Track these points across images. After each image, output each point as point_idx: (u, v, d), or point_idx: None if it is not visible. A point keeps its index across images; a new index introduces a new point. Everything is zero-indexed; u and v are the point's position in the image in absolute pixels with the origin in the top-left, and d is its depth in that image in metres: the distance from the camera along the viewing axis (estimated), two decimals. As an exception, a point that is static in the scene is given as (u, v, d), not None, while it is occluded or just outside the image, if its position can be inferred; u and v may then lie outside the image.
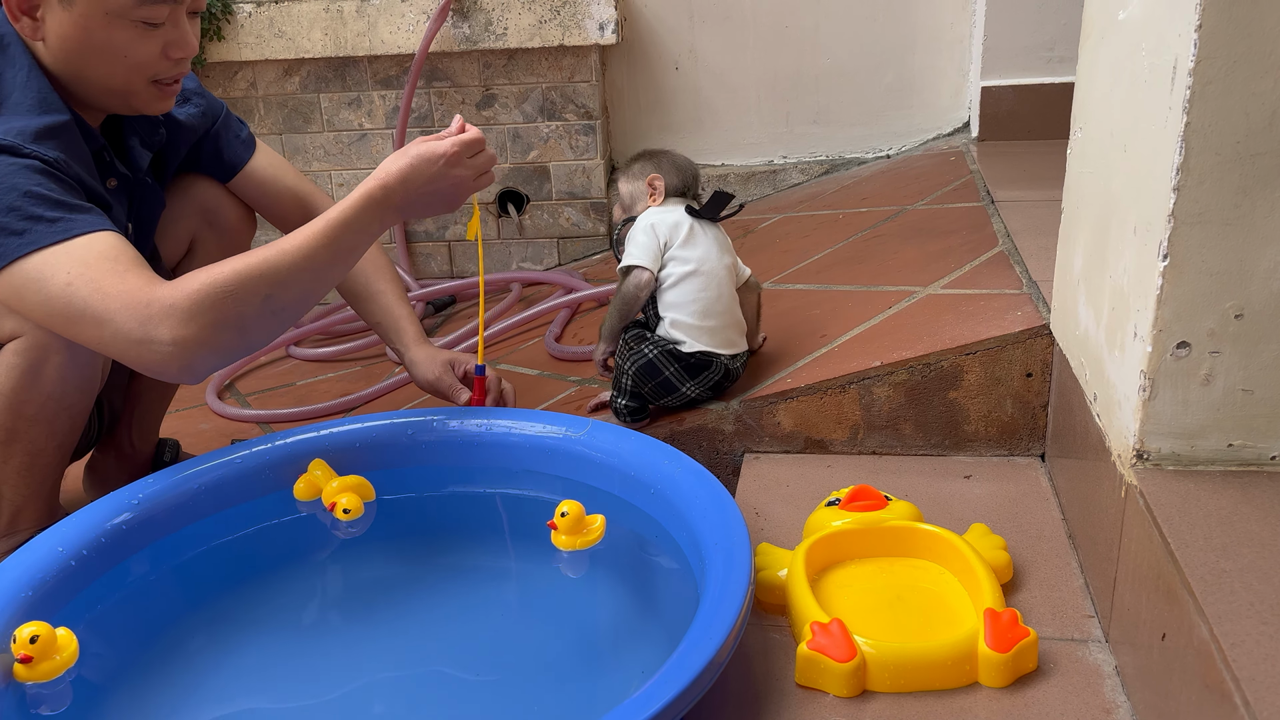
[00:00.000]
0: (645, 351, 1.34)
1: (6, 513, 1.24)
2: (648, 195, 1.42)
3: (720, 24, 2.62)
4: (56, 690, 0.95)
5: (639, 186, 1.43)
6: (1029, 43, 2.43)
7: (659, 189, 1.41)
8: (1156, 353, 0.86)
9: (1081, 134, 1.15)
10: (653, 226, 1.36)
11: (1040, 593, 1.04)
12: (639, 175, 1.43)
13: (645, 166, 1.43)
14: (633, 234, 1.37)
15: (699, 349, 1.34)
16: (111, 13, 1.12)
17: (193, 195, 1.43)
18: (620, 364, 1.37)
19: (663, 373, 1.34)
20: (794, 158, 2.73)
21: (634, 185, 1.44)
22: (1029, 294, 1.40)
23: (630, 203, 1.44)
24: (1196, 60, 0.78)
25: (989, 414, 1.33)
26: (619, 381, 1.38)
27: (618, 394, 1.38)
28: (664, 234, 1.35)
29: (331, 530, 1.24)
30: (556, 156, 2.61)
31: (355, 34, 2.48)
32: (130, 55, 1.15)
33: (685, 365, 1.34)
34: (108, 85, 1.18)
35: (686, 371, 1.35)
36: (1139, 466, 0.89)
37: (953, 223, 1.86)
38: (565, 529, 1.13)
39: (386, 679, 1.02)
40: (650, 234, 1.35)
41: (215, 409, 1.91)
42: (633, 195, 1.44)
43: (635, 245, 1.36)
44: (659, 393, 1.37)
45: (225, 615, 1.11)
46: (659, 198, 1.41)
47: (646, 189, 1.42)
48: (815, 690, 0.92)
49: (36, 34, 1.14)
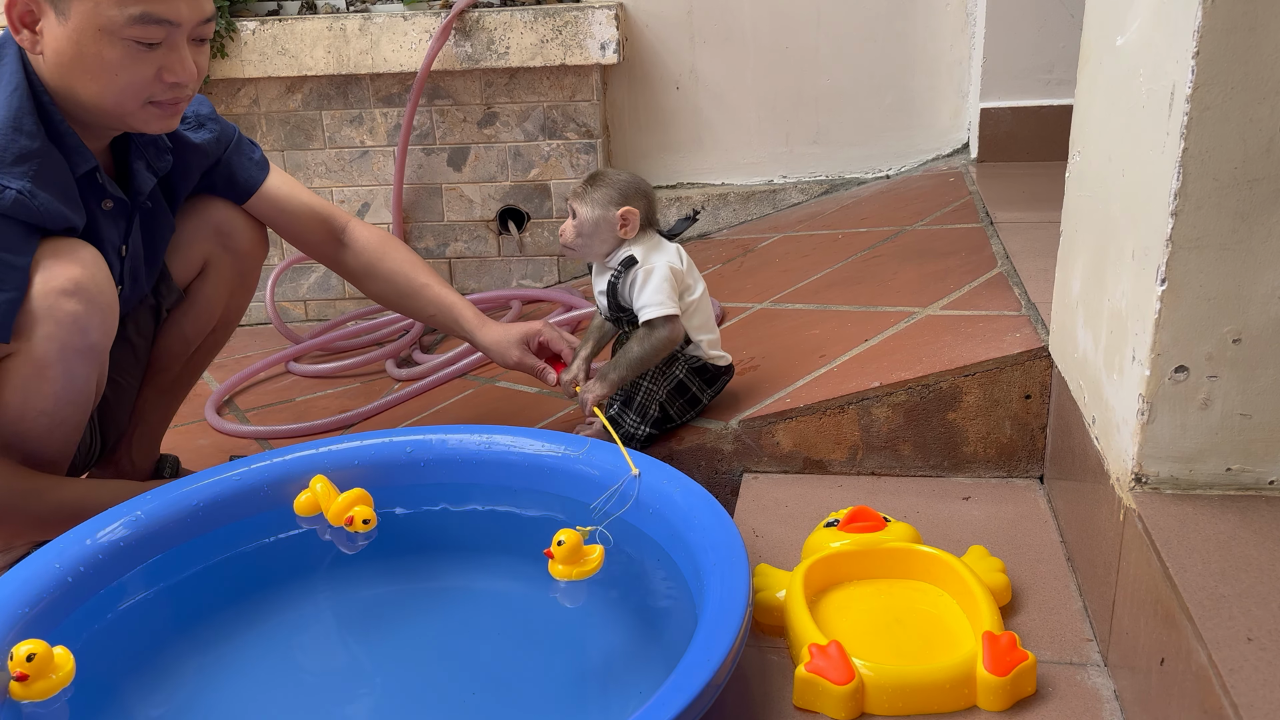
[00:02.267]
0: (675, 373, 1.39)
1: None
2: (618, 227, 1.34)
3: (721, 44, 2.63)
4: (53, 709, 0.94)
5: (608, 216, 1.34)
6: (1028, 65, 2.44)
7: (633, 222, 1.34)
8: (1155, 376, 0.86)
9: (1080, 158, 1.16)
10: (671, 272, 1.33)
11: (1039, 616, 1.04)
12: (606, 204, 1.34)
13: (610, 195, 1.34)
14: (656, 284, 1.32)
15: (727, 361, 1.44)
16: (104, 29, 1.11)
17: (206, 216, 1.44)
18: (649, 391, 1.37)
19: (690, 389, 1.41)
20: (793, 177, 2.74)
21: (601, 214, 1.34)
22: (1028, 316, 1.41)
23: (595, 231, 1.35)
24: (1194, 86, 0.78)
25: (988, 435, 1.33)
26: (644, 410, 1.38)
27: (640, 422, 1.38)
28: (680, 272, 1.36)
29: (335, 547, 1.24)
30: (557, 175, 2.62)
31: (358, 52, 2.49)
32: (121, 75, 1.14)
33: (706, 378, 1.42)
34: (99, 104, 1.17)
35: (707, 384, 1.43)
36: (1137, 490, 0.89)
37: (952, 244, 1.86)
38: (562, 558, 1.12)
39: (383, 699, 1.01)
40: (672, 281, 1.33)
41: (214, 425, 1.91)
42: (598, 224, 1.34)
43: (664, 295, 1.32)
44: (685, 410, 1.42)
45: (223, 633, 1.10)
46: (631, 231, 1.34)
47: (616, 219, 1.34)
48: (813, 713, 0.92)
49: (35, 47, 1.14)
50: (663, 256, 1.35)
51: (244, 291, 1.54)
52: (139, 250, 1.34)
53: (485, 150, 2.61)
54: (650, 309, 1.32)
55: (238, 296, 1.53)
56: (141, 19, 1.12)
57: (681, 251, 1.38)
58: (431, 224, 2.68)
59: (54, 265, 1.14)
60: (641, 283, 1.33)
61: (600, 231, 1.35)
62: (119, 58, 1.13)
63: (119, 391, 1.46)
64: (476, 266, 2.70)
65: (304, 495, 1.26)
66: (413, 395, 1.96)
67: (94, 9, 1.11)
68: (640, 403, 1.37)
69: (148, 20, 1.12)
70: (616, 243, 1.36)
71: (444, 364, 2.04)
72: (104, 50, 1.13)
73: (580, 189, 1.36)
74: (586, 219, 1.35)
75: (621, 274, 1.35)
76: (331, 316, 2.72)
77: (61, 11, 1.11)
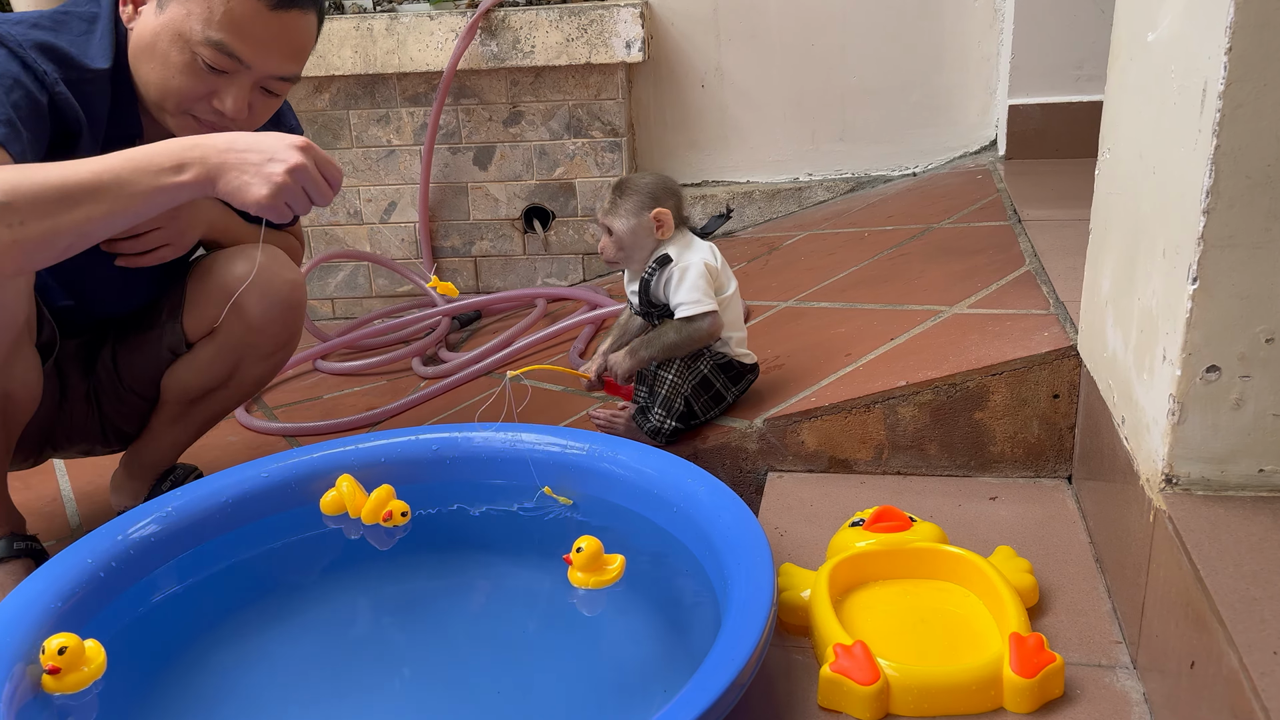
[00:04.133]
0: (700, 368, 1.39)
1: None
2: (654, 230, 1.36)
3: (747, 42, 2.63)
4: (84, 702, 0.95)
5: (644, 221, 1.35)
6: (1057, 61, 2.42)
7: (668, 222, 1.35)
8: (1186, 376, 0.85)
9: (1110, 155, 1.15)
10: (707, 269, 1.34)
11: (1067, 617, 1.03)
12: (638, 211, 1.35)
13: (640, 200, 1.35)
14: (693, 281, 1.33)
15: (753, 360, 1.44)
16: (182, 34, 1.17)
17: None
18: (674, 385, 1.37)
19: (714, 385, 1.41)
20: (819, 175, 2.73)
21: (637, 220, 1.35)
22: (1056, 314, 1.39)
23: (634, 240, 1.37)
24: (1227, 83, 0.77)
25: (1015, 435, 1.32)
26: (669, 404, 1.38)
27: (665, 415, 1.38)
28: (715, 270, 1.36)
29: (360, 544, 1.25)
30: (582, 173, 2.62)
31: (385, 52, 2.51)
32: (176, 79, 1.20)
33: (731, 375, 1.42)
34: (148, 92, 1.22)
35: (732, 381, 1.42)
36: (1168, 491, 0.88)
37: (979, 242, 1.85)
38: (580, 565, 1.12)
39: (410, 697, 1.02)
40: (708, 278, 1.34)
41: (243, 422, 1.93)
42: (635, 231, 1.36)
43: (699, 291, 1.33)
44: (709, 406, 1.42)
45: (251, 628, 1.11)
46: (667, 231, 1.36)
47: (652, 222, 1.35)
48: (838, 713, 0.92)
49: (130, 21, 1.21)
50: (697, 254, 1.36)
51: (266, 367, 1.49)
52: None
53: (511, 149, 2.62)
54: (686, 306, 1.33)
55: (252, 368, 1.48)
56: (217, 45, 1.17)
57: (715, 249, 1.39)
58: (457, 223, 2.69)
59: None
60: (678, 280, 1.34)
61: (639, 239, 1.37)
62: (181, 64, 1.19)
63: (120, 394, 1.48)
64: (502, 265, 2.71)
65: (330, 494, 1.27)
66: (438, 393, 1.97)
67: (185, 15, 1.17)
68: (665, 396, 1.38)
69: (221, 49, 1.17)
70: (656, 244, 1.37)
71: (469, 362, 2.05)
72: (172, 51, 1.18)
73: (609, 204, 1.37)
74: (623, 231, 1.37)
75: (655, 271, 1.36)
76: (359, 314, 2.74)
77: (161, 4, 1.19)
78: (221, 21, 1.16)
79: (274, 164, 1.06)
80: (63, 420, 1.45)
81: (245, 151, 1.06)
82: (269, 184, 1.06)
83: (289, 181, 1.06)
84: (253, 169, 1.06)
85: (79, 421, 1.47)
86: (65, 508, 1.65)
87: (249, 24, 1.17)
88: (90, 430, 1.50)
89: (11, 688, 0.90)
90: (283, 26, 1.20)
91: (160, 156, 1.05)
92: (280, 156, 1.06)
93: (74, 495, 1.70)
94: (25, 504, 1.55)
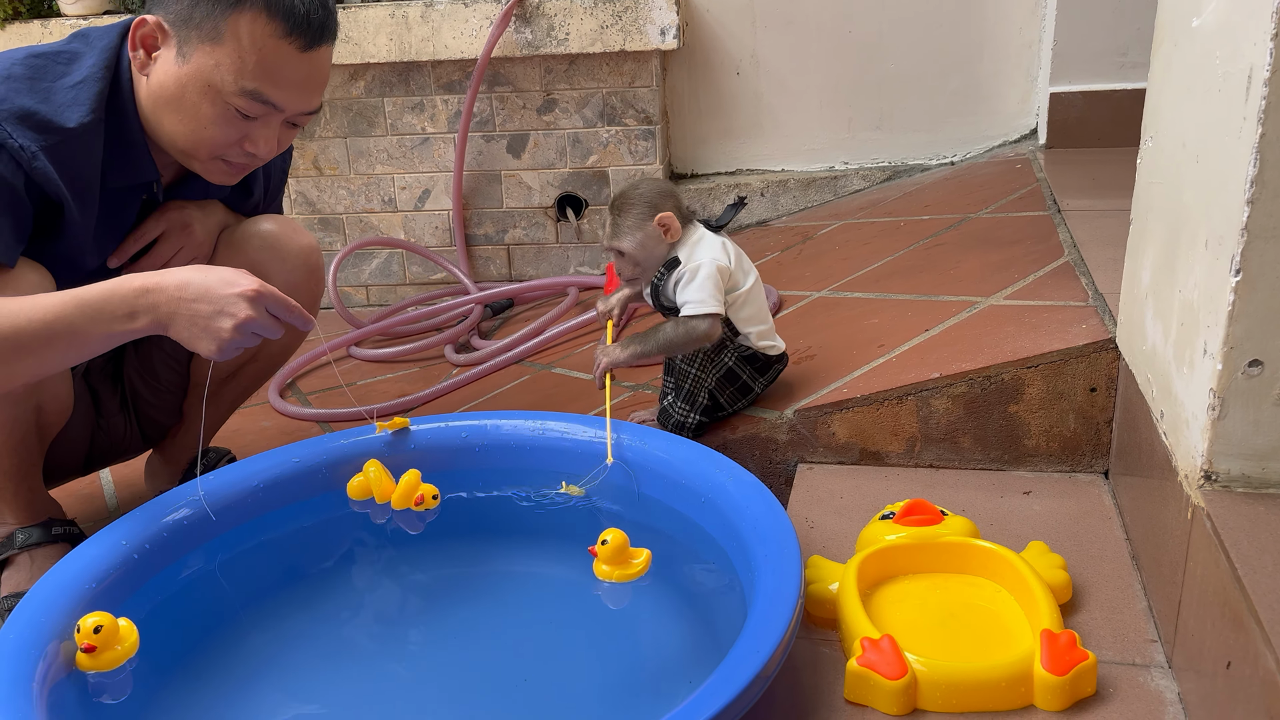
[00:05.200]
0: (725, 360, 1.37)
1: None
2: (662, 234, 1.33)
3: (783, 29, 2.60)
4: (116, 680, 0.97)
5: (649, 231, 1.33)
6: (1101, 48, 2.37)
7: (673, 225, 1.33)
8: (1227, 370, 0.83)
9: (1152, 143, 1.12)
10: (718, 271, 1.32)
11: (1101, 615, 1.02)
12: (642, 221, 1.33)
13: (640, 212, 1.33)
14: (700, 282, 1.31)
15: (780, 350, 1.42)
16: (213, 86, 1.14)
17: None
18: (697, 379, 1.36)
19: (740, 377, 1.39)
20: (855, 164, 2.70)
21: (643, 233, 1.33)
22: (1095, 306, 1.37)
23: (646, 253, 1.34)
24: (1272, 69, 0.75)
25: (1051, 429, 1.30)
26: (692, 398, 1.37)
27: (689, 409, 1.38)
28: (726, 270, 1.33)
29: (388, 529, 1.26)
30: (615, 161, 2.61)
31: (419, 39, 2.51)
32: (209, 129, 1.17)
33: (757, 366, 1.40)
34: (174, 141, 1.20)
35: (759, 372, 1.41)
36: (1206, 488, 0.86)
37: (1017, 232, 1.82)
38: (605, 558, 1.11)
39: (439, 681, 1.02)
40: (717, 279, 1.32)
41: (277, 407, 1.94)
42: (644, 244, 1.34)
43: (707, 293, 1.31)
44: (736, 398, 1.41)
45: (281, 610, 1.13)
46: (675, 233, 1.34)
47: (658, 230, 1.33)
48: (864, 707, 0.91)
49: (144, 69, 1.18)
50: (708, 253, 1.33)
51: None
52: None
53: (544, 137, 2.62)
54: (692, 305, 1.31)
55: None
56: (251, 95, 1.15)
57: (728, 244, 1.36)
58: (490, 210, 2.70)
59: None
60: (687, 281, 1.32)
61: (650, 250, 1.35)
62: (214, 115, 1.16)
63: (157, 390, 1.50)
64: (535, 253, 2.72)
65: (357, 478, 1.28)
66: (470, 380, 1.98)
67: (214, 66, 1.13)
68: (688, 390, 1.37)
69: (256, 98, 1.15)
70: (668, 249, 1.35)
71: (501, 350, 2.06)
72: (203, 103, 1.16)
73: (610, 228, 1.35)
74: (633, 248, 1.34)
75: (664, 275, 1.34)
76: (392, 302, 2.76)
77: (183, 53, 1.15)
78: (255, 71, 1.14)
79: (222, 318, 1.04)
80: (101, 437, 1.47)
81: (195, 302, 1.05)
82: (215, 340, 1.05)
83: (235, 337, 1.05)
84: (201, 322, 1.05)
85: (118, 435, 1.49)
86: (103, 490, 1.68)
87: (282, 69, 1.15)
88: (131, 439, 1.52)
89: (46, 665, 0.92)
90: (313, 66, 1.19)
91: (114, 303, 1.04)
92: (229, 310, 1.04)
93: (112, 479, 1.72)
94: (65, 489, 1.58)
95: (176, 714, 0.97)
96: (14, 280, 1.12)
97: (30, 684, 0.88)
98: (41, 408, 1.26)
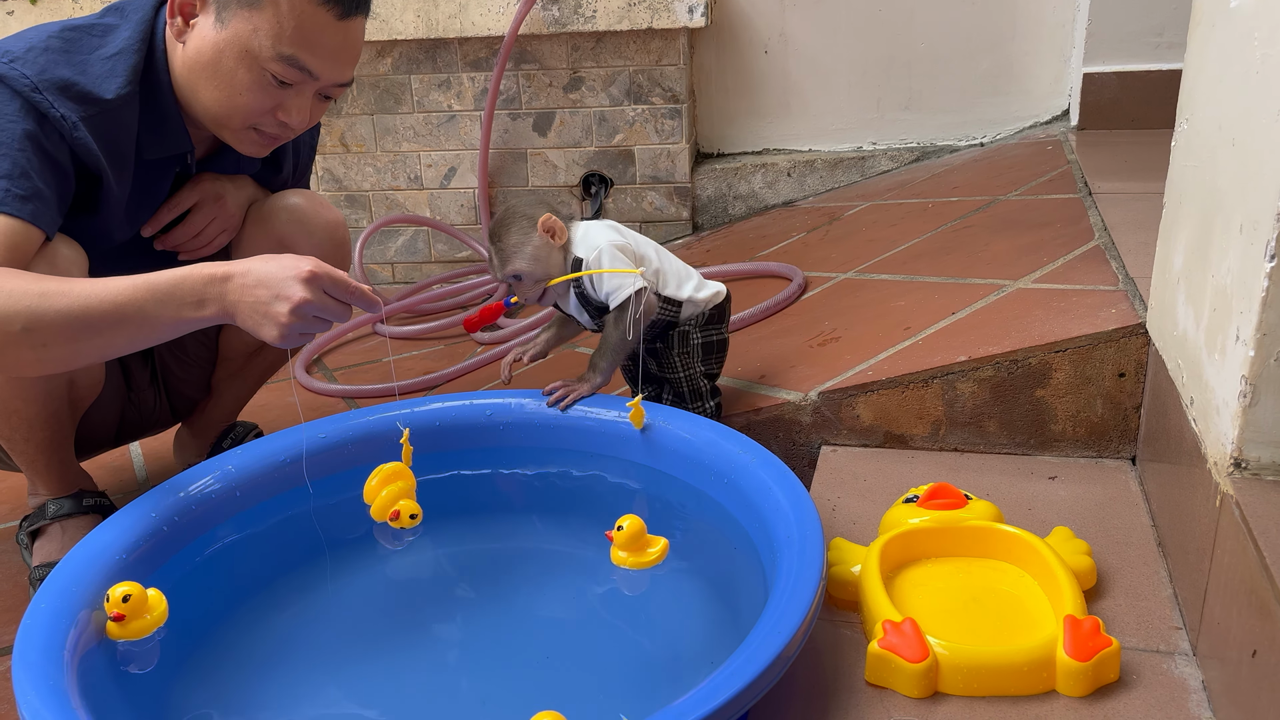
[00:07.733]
0: (694, 341, 1.36)
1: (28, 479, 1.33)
2: (550, 240, 1.29)
3: (812, 7, 2.58)
4: (145, 648, 0.99)
5: (537, 242, 1.29)
6: (1136, 28, 2.33)
7: (557, 227, 1.30)
8: (1259, 357, 0.82)
9: (1187, 126, 1.10)
10: (616, 249, 1.29)
11: (1126, 601, 1.01)
12: (527, 235, 1.29)
13: (521, 228, 1.29)
14: (607, 266, 1.28)
15: (721, 288, 1.39)
16: (250, 51, 1.15)
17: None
18: (689, 375, 1.36)
19: (712, 338, 1.38)
20: (884, 144, 2.67)
21: (531, 246, 1.29)
22: (1125, 291, 1.35)
23: (542, 265, 1.30)
24: (1314, 50, 0.73)
25: (1078, 414, 1.29)
26: (698, 392, 1.37)
27: (701, 401, 1.37)
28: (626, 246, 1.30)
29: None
30: (641, 140, 2.60)
31: (447, 16, 2.51)
32: (243, 96, 1.18)
33: (716, 318, 1.38)
34: (209, 109, 1.20)
35: (720, 323, 1.39)
36: (1236, 475, 0.85)
37: (1047, 215, 1.80)
38: (621, 543, 1.11)
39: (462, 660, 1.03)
40: (621, 256, 1.29)
41: (303, 383, 1.96)
42: (537, 257, 1.29)
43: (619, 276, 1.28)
44: (722, 358, 1.41)
45: (307, 585, 1.14)
46: (562, 235, 1.30)
47: (544, 238, 1.29)
48: (885, 689, 0.91)
49: (180, 36, 1.18)
50: (601, 237, 1.30)
51: None
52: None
53: (570, 115, 2.61)
54: (614, 296, 1.28)
55: None
56: (289, 60, 1.15)
57: (615, 225, 1.34)
58: (516, 188, 2.70)
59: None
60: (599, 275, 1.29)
61: (544, 261, 1.30)
62: (249, 81, 1.17)
63: (185, 364, 1.51)
64: (560, 232, 2.71)
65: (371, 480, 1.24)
66: (494, 359, 1.99)
67: (251, 31, 1.14)
68: (690, 389, 1.37)
69: (292, 63, 1.16)
70: (563, 254, 1.31)
71: (526, 329, 2.06)
72: (240, 69, 1.16)
73: (497, 256, 1.31)
74: (529, 267, 1.30)
75: (580, 283, 1.31)
76: (418, 279, 2.77)
77: (222, 18, 1.15)
78: (293, 36, 1.14)
79: (279, 303, 1.04)
80: (131, 411, 1.49)
81: (255, 288, 1.04)
82: (276, 325, 1.04)
83: (294, 321, 1.04)
84: (261, 309, 1.04)
85: (148, 408, 1.51)
86: (133, 463, 1.70)
87: (319, 36, 1.16)
88: (160, 413, 1.53)
89: (77, 633, 0.93)
90: (348, 35, 1.19)
91: (184, 290, 1.04)
92: (284, 293, 1.03)
93: (142, 452, 1.75)
94: (96, 461, 1.60)
95: (203, 682, 0.99)
96: (49, 255, 1.13)
97: (62, 652, 0.90)
98: (73, 382, 1.27)
